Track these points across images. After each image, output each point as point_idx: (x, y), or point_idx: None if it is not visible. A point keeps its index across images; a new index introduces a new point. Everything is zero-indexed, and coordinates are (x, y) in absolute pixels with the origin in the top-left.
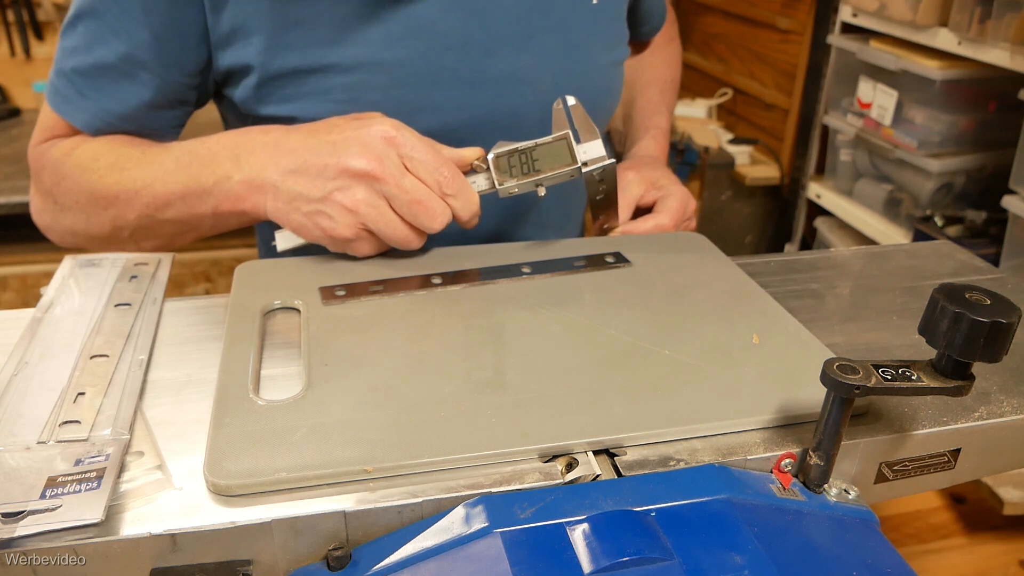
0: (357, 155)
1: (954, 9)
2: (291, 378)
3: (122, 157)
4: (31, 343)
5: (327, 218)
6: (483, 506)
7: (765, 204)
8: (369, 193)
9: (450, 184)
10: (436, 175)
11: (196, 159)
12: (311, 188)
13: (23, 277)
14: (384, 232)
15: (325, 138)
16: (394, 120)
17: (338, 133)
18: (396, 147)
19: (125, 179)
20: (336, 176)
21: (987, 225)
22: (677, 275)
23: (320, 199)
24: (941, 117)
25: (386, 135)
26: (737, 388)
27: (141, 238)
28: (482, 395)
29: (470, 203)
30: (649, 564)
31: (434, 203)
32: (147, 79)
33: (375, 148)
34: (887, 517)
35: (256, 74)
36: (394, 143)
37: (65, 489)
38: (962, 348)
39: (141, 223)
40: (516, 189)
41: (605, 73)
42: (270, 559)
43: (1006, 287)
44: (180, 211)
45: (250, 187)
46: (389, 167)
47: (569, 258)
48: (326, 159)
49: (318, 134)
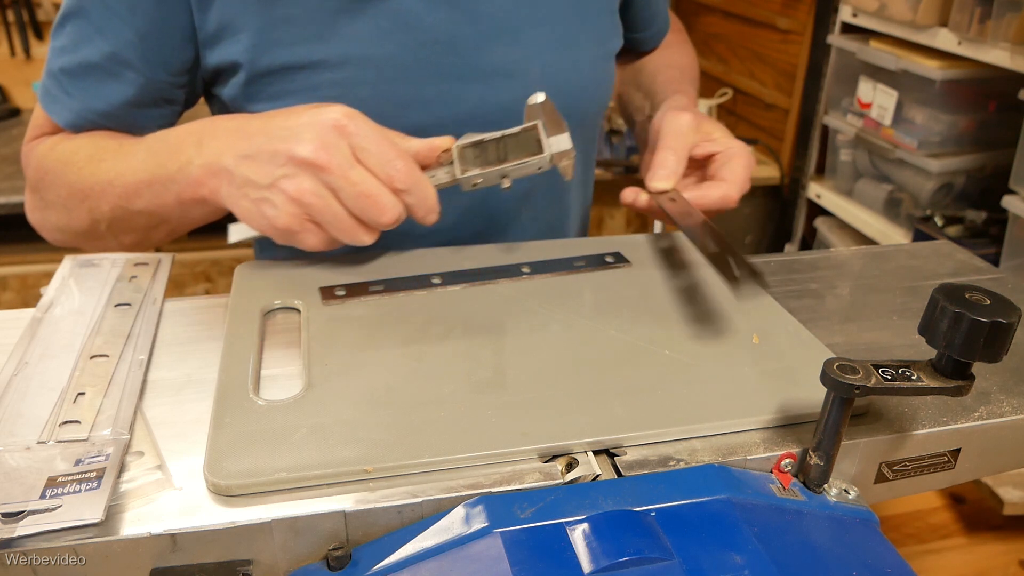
0: (305, 142)
1: (954, 9)
2: (291, 378)
3: (100, 150)
4: (31, 343)
5: (271, 206)
6: (483, 506)
7: (765, 204)
8: (315, 183)
9: (403, 178)
10: (388, 168)
11: (164, 146)
12: (260, 174)
13: (23, 277)
14: (330, 225)
15: (282, 123)
16: (350, 109)
17: (294, 119)
18: (347, 136)
19: (101, 171)
20: (284, 163)
21: (987, 225)
22: (677, 275)
23: (267, 186)
24: (941, 117)
25: (337, 123)
26: (737, 388)
27: (118, 231)
28: (482, 395)
29: (425, 198)
30: (649, 564)
31: (384, 197)
32: (132, 78)
33: (325, 136)
34: (887, 517)
35: (244, 72)
36: (345, 132)
37: (65, 489)
38: (962, 348)
39: (115, 215)
40: (480, 180)
41: (596, 66)
42: (270, 559)
43: (1006, 287)
44: (148, 201)
45: (208, 171)
46: (337, 157)
47: (569, 258)
48: (277, 145)
49: (276, 119)
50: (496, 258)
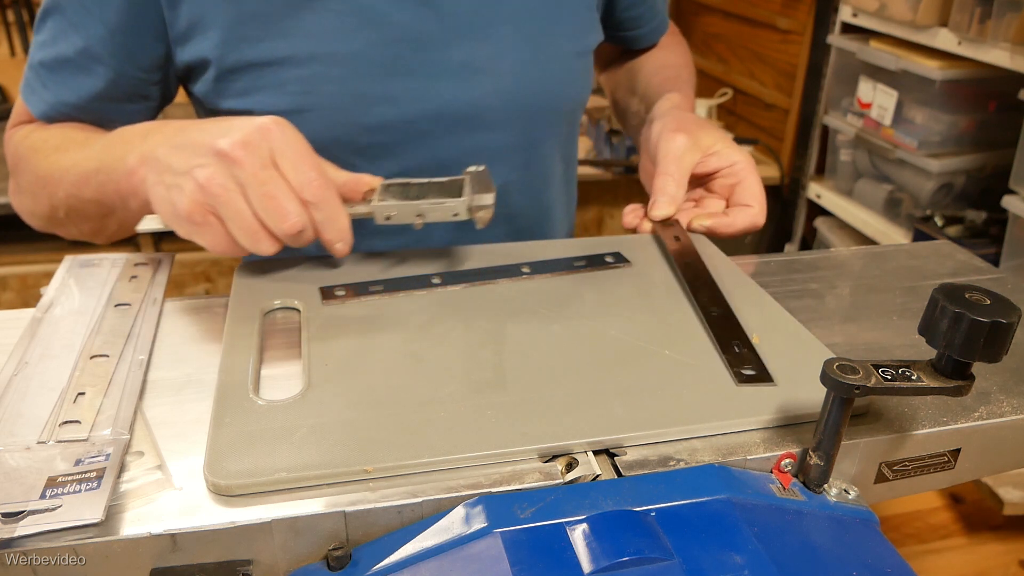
0: (227, 136)
1: (954, 9)
2: (291, 378)
3: (67, 140)
4: (31, 343)
5: (179, 192)
6: (483, 506)
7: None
8: (224, 175)
9: (313, 190)
10: (300, 176)
11: (118, 138)
12: (180, 162)
13: (23, 277)
14: (231, 221)
15: (218, 123)
16: (281, 118)
17: (227, 120)
18: (269, 139)
19: (62, 160)
20: (203, 153)
21: (987, 225)
22: (678, 275)
23: (182, 172)
24: (941, 117)
25: (263, 126)
26: (737, 388)
27: (74, 219)
28: (482, 395)
29: (335, 220)
30: (649, 564)
31: (289, 203)
32: (101, 72)
33: (248, 135)
34: (887, 517)
35: (214, 68)
36: (268, 135)
37: (65, 489)
38: (962, 348)
39: (69, 203)
40: (395, 212)
41: (568, 62)
42: (270, 559)
43: (1006, 287)
44: (95, 190)
45: (140, 160)
46: (252, 154)
47: (569, 258)
48: (204, 137)
49: (219, 120)
50: (496, 258)
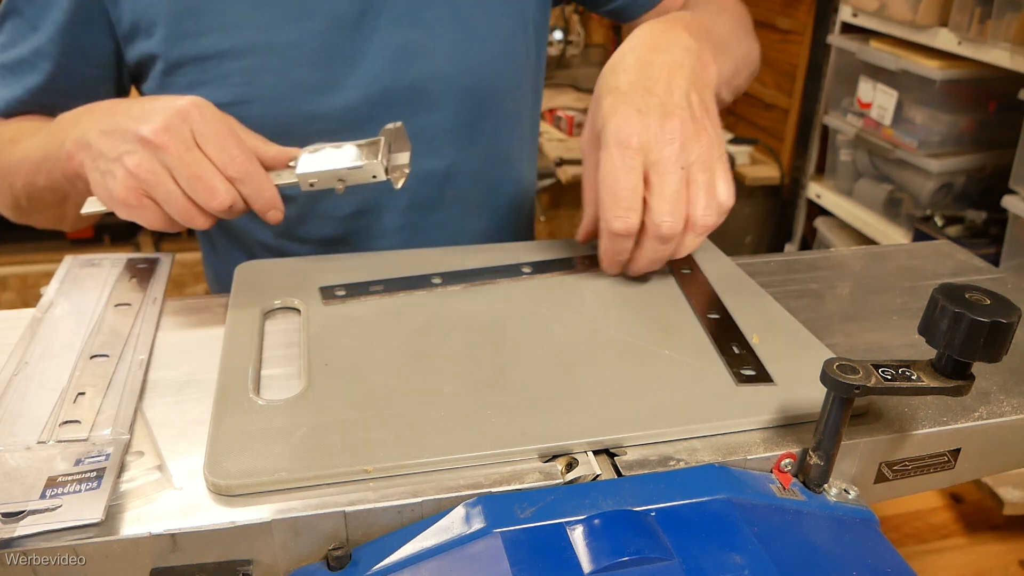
0: (149, 123)
1: (954, 9)
2: (291, 378)
3: (21, 132)
4: (31, 343)
5: (112, 178)
6: (483, 506)
7: (765, 204)
8: (152, 161)
9: (236, 166)
10: (223, 155)
11: (56, 126)
12: (109, 148)
13: (23, 277)
14: (165, 202)
15: (141, 106)
16: (201, 99)
17: (151, 103)
18: (190, 122)
19: (16, 151)
20: (130, 140)
21: (987, 225)
22: (678, 275)
23: (113, 159)
24: (941, 117)
25: (182, 109)
26: (737, 388)
27: (36, 207)
28: (482, 395)
29: (261, 192)
30: (649, 564)
31: (215, 181)
32: (50, 68)
33: (169, 119)
34: (887, 517)
35: (160, 64)
36: (188, 118)
37: (65, 489)
38: (962, 348)
39: (27, 191)
40: (315, 180)
41: (504, 41)
42: (270, 559)
43: (1006, 287)
44: (46, 177)
45: (76, 145)
46: (175, 139)
47: (570, 257)
48: (128, 123)
49: (140, 103)
50: (496, 258)
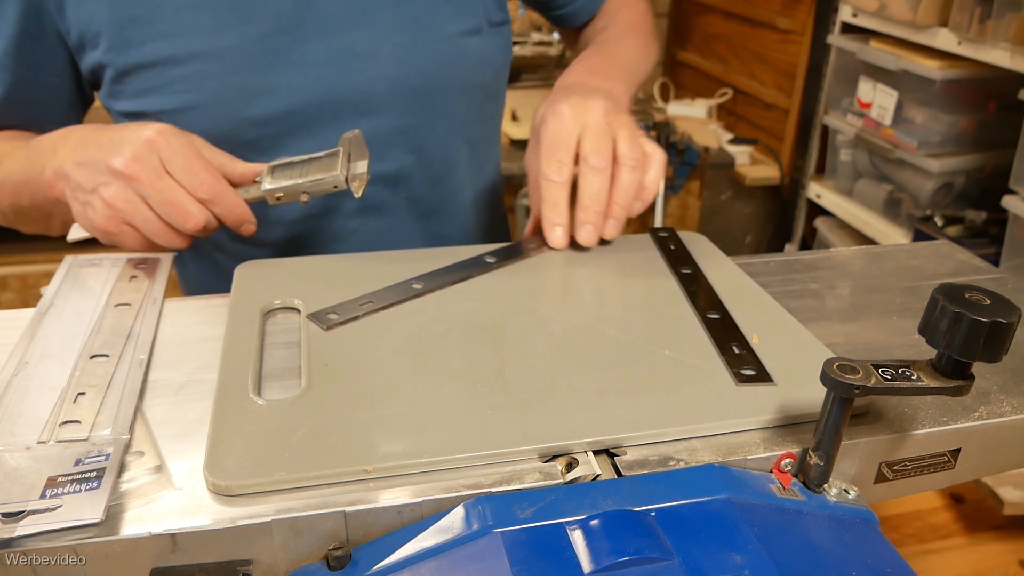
0: (118, 154)
1: (954, 9)
2: (291, 378)
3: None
4: (31, 343)
5: (92, 209)
6: (483, 506)
7: (765, 204)
8: (126, 191)
9: (206, 189)
10: (192, 180)
11: (34, 151)
12: (86, 180)
13: (23, 277)
14: (143, 228)
15: (110, 136)
16: (165, 126)
17: (119, 133)
18: (157, 151)
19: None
20: (103, 172)
21: (987, 225)
22: (677, 275)
23: (90, 191)
24: (941, 117)
25: (149, 139)
26: (737, 388)
27: (24, 221)
28: (482, 395)
29: (232, 208)
30: (649, 564)
31: (188, 205)
32: (10, 80)
33: (138, 151)
34: (887, 517)
35: (108, 73)
36: (155, 147)
37: (65, 489)
38: (962, 348)
39: (13, 209)
40: (281, 194)
41: (453, 43)
42: (270, 559)
43: (1006, 287)
44: (30, 199)
45: (56, 175)
46: (146, 169)
47: (517, 242)
48: (101, 156)
49: (108, 132)
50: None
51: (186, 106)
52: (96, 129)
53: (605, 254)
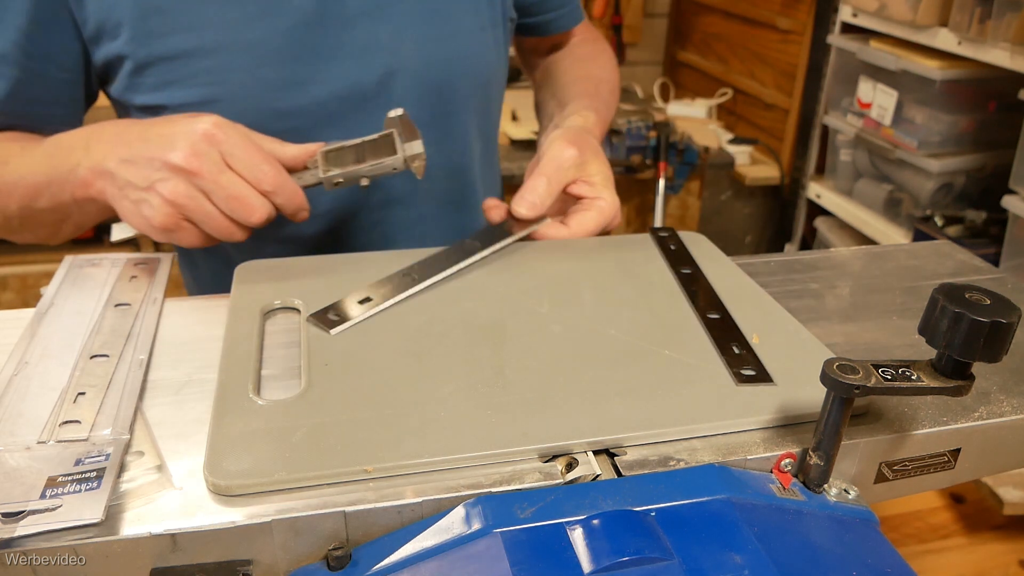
0: (175, 149)
1: (954, 9)
2: (291, 378)
3: (4, 152)
4: (31, 343)
5: (149, 207)
6: (483, 506)
7: (765, 204)
8: (188, 187)
9: (269, 181)
10: (255, 172)
11: (58, 150)
12: (138, 177)
13: (23, 277)
14: (204, 223)
15: (158, 131)
16: (220, 119)
17: (169, 127)
18: (217, 144)
19: (5, 173)
20: (159, 168)
21: (987, 225)
22: (677, 274)
23: (144, 188)
24: (941, 117)
25: (207, 132)
26: (737, 388)
27: (31, 226)
28: (482, 395)
29: (292, 197)
30: (649, 564)
31: (252, 199)
32: (15, 74)
33: (196, 145)
34: (887, 517)
35: (127, 65)
36: (215, 140)
37: (65, 489)
38: (962, 348)
39: (23, 213)
40: (341, 179)
41: (472, 37)
42: (270, 559)
43: (1006, 287)
44: (49, 200)
45: (94, 173)
46: (207, 163)
47: (502, 223)
48: (153, 151)
49: (154, 127)
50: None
51: (210, 99)
52: (134, 124)
53: (605, 253)
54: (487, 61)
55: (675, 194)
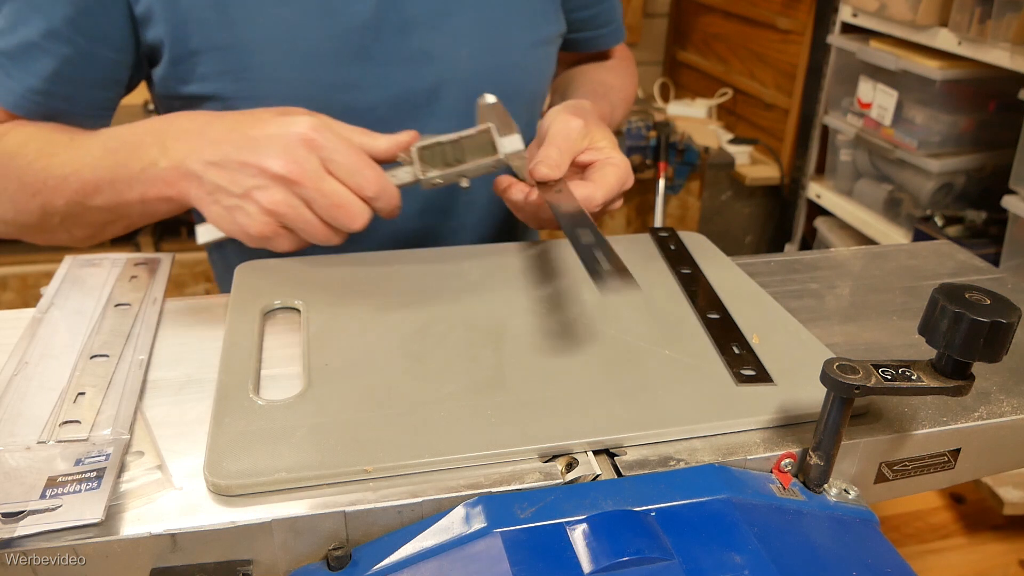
0: (276, 156)
1: (954, 9)
2: (291, 378)
3: (50, 143)
4: (31, 343)
5: (245, 215)
6: (483, 506)
7: (765, 204)
8: (287, 195)
9: (372, 187)
10: (358, 177)
11: (123, 145)
12: (231, 183)
13: (23, 277)
14: (303, 231)
15: (248, 132)
16: (316, 120)
17: (260, 129)
18: (317, 150)
19: (54, 165)
20: (256, 175)
21: (987, 225)
22: (677, 274)
23: (240, 195)
24: (941, 117)
25: (306, 137)
26: (737, 388)
27: (71, 225)
28: (482, 395)
29: (391, 199)
30: (649, 564)
31: (355, 206)
32: (67, 53)
33: (295, 151)
34: (887, 517)
35: (176, 50)
36: (315, 146)
37: (65, 489)
38: (962, 348)
39: (71, 210)
40: (440, 180)
41: (526, 52)
42: (270, 559)
43: (1006, 287)
44: (109, 197)
45: (176, 174)
46: (308, 171)
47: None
48: (246, 156)
49: (241, 127)
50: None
51: (257, 95)
52: (214, 120)
53: None
54: (537, 77)
55: (675, 194)
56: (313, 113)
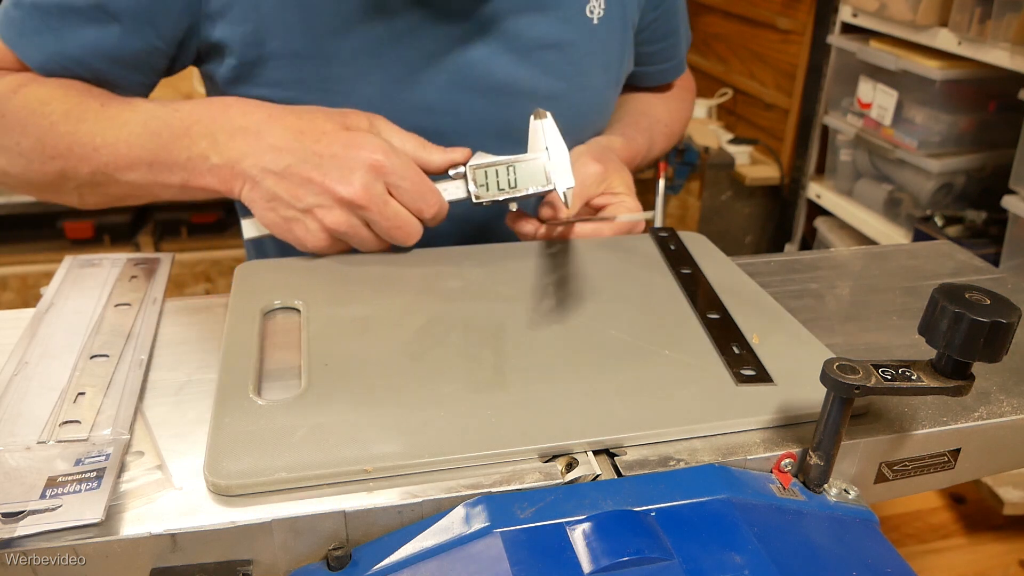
0: (344, 181)
1: (954, 9)
2: (291, 378)
3: (79, 107)
4: (31, 343)
5: (304, 228)
6: (483, 506)
7: (765, 204)
8: (350, 217)
9: (431, 211)
10: (420, 202)
11: (167, 128)
12: (293, 197)
13: (23, 277)
14: (358, 245)
15: (311, 146)
16: (382, 143)
17: (325, 145)
18: (384, 175)
19: (82, 132)
20: (320, 193)
21: (987, 225)
22: (677, 275)
23: (301, 210)
24: (941, 117)
25: (374, 163)
26: (737, 388)
27: (88, 193)
28: (482, 395)
29: (442, 216)
30: (649, 564)
31: (413, 227)
32: (115, 32)
33: (362, 177)
34: (887, 517)
35: (248, 52)
36: (382, 172)
37: (65, 489)
38: (962, 348)
39: (95, 179)
40: (489, 202)
41: (600, 92)
42: (270, 559)
43: (1006, 287)
44: (144, 175)
45: (230, 172)
46: (375, 196)
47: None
48: (310, 172)
49: (303, 138)
50: (487, 256)
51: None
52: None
53: (605, 254)
54: (605, 117)
55: (675, 194)
56: (371, 118)
